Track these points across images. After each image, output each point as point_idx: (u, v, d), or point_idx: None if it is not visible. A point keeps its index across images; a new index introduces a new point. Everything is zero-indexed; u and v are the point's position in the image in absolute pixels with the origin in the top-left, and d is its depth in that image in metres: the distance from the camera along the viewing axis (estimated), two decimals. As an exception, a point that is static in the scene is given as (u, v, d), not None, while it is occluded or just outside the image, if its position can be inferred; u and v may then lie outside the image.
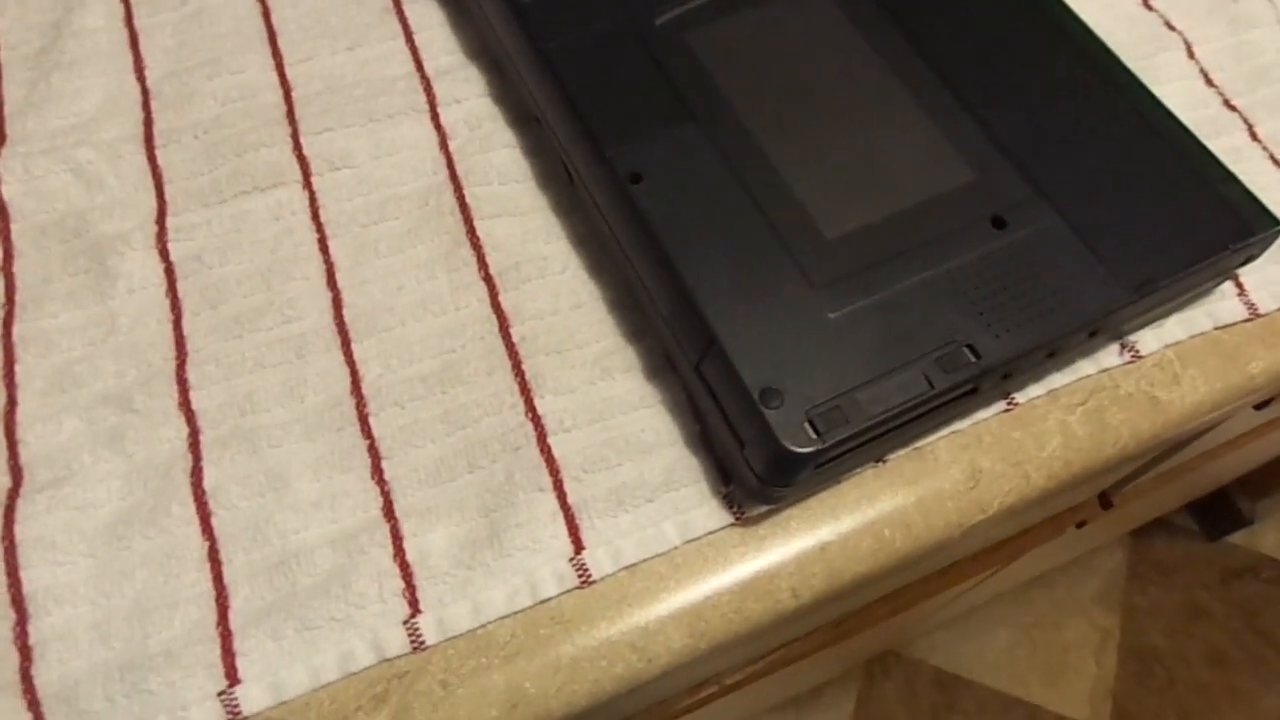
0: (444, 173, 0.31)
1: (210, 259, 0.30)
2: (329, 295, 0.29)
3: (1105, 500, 0.51)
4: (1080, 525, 0.55)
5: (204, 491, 0.26)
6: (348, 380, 0.28)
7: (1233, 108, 0.35)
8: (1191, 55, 0.36)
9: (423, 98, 0.33)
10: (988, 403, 0.28)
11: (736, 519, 0.27)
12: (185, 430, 0.27)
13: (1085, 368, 0.30)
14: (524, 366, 0.28)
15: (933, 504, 0.28)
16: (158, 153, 0.31)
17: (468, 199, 0.31)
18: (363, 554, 0.26)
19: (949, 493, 0.28)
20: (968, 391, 0.26)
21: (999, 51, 0.30)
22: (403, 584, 0.25)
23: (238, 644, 0.24)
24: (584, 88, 0.29)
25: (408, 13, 0.35)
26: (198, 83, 0.33)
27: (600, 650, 0.25)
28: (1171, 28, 0.37)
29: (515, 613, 0.25)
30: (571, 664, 0.25)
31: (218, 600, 0.25)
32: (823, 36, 0.30)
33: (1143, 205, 0.28)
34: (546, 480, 0.27)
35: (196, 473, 0.26)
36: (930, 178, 0.28)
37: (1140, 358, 0.30)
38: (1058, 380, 0.29)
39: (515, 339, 0.29)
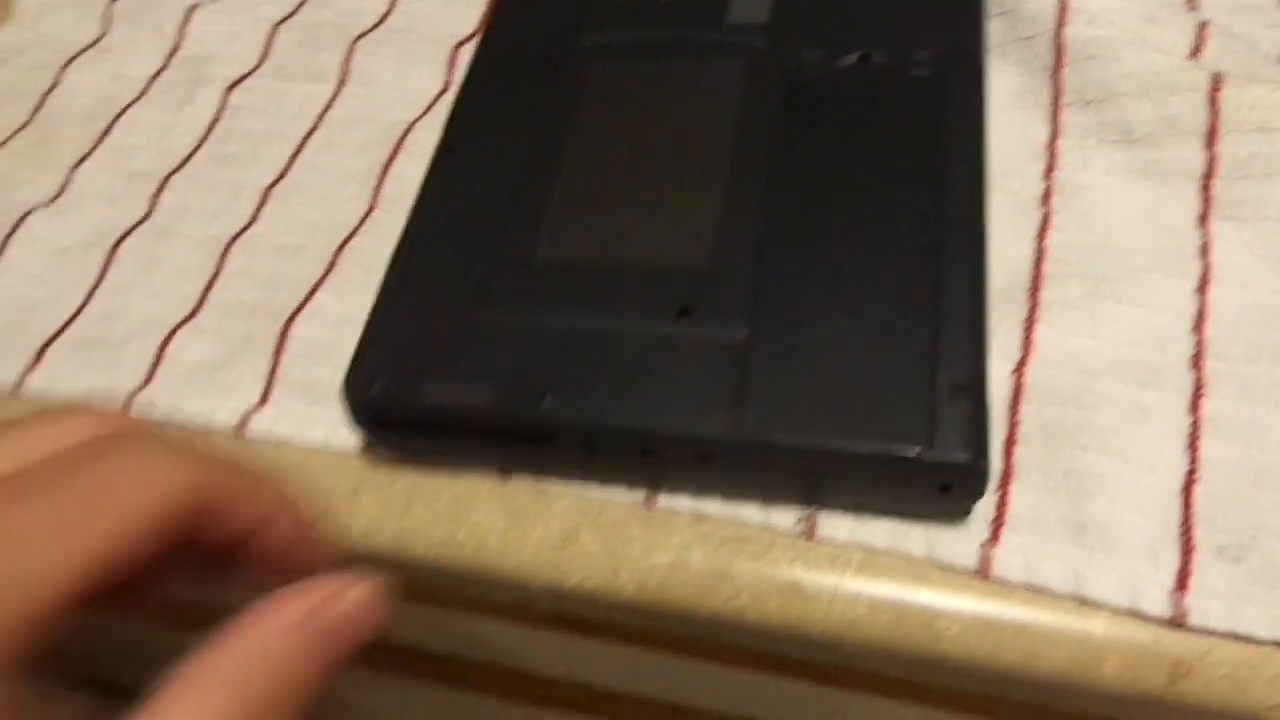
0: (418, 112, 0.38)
1: (245, 115, 0.39)
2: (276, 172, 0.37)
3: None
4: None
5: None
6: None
7: (1197, 366, 0.27)
8: (1202, 289, 0.29)
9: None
10: (607, 476, 0.28)
11: (363, 446, 0.30)
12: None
13: (749, 513, 0.27)
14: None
15: (517, 537, 0.28)
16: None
17: (405, 143, 0.37)
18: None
19: (537, 538, 0.28)
20: (540, 438, 0.26)
21: (851, 183, 0.28)
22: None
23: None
24: (489, 68, 0.33)
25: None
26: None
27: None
28: (1204, 253, 0.29)
29: None
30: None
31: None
32: (705, 99, 0.31)
33: (841, 369, 0.25)
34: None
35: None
36: (670, 249, 0.28)
37: (813, 537, 0.26)
38: (711, 507, 0.27)
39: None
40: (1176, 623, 0.24)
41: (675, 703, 0.46)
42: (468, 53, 0.39)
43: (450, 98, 0.37)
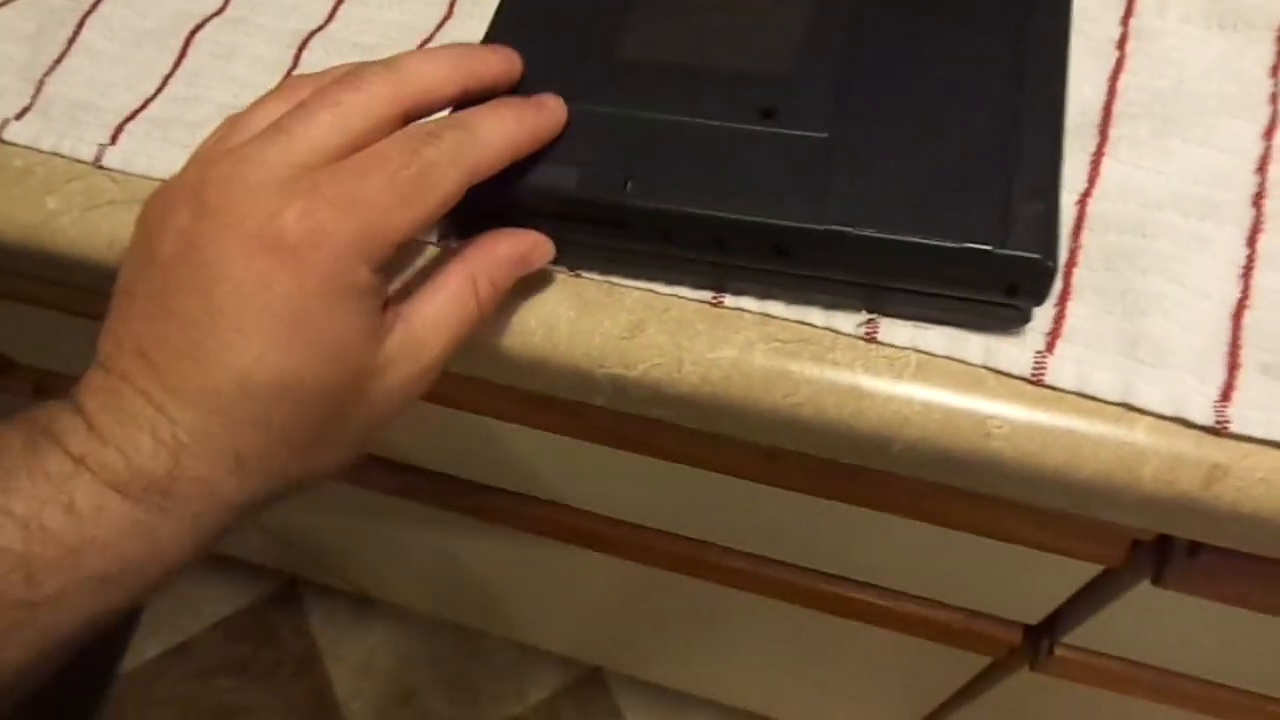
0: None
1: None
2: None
3: (1036, 642, 0.43)
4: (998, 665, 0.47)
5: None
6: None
7: (1257, 204, 0.28)
8: (1269, 134, 0.29)
9: None
10: (676, 273, 0.29)
11: (441, 238, 0.31)
12: None
13: (813, 315, 0.28)
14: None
15: (586, 326, 0.29)
16: None
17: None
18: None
19: (605, 329, 0.29)
20: (620, 223, 0.27)
21: (940, 5, 0.28)
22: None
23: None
24: None
25: None
26: None
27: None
28: (1274, 100, 0.30)
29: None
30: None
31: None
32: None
33: (920, 171, 0.25)
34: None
35: (197, 27, 0.36)
36: (756, 52, 0.28)
37: (874, 340, 0.27)
38: (776, 308, 0.28)
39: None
40: (1218, 430, 0.25)
41: (701, 539, 0.48)
42: None
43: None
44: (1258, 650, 0.37)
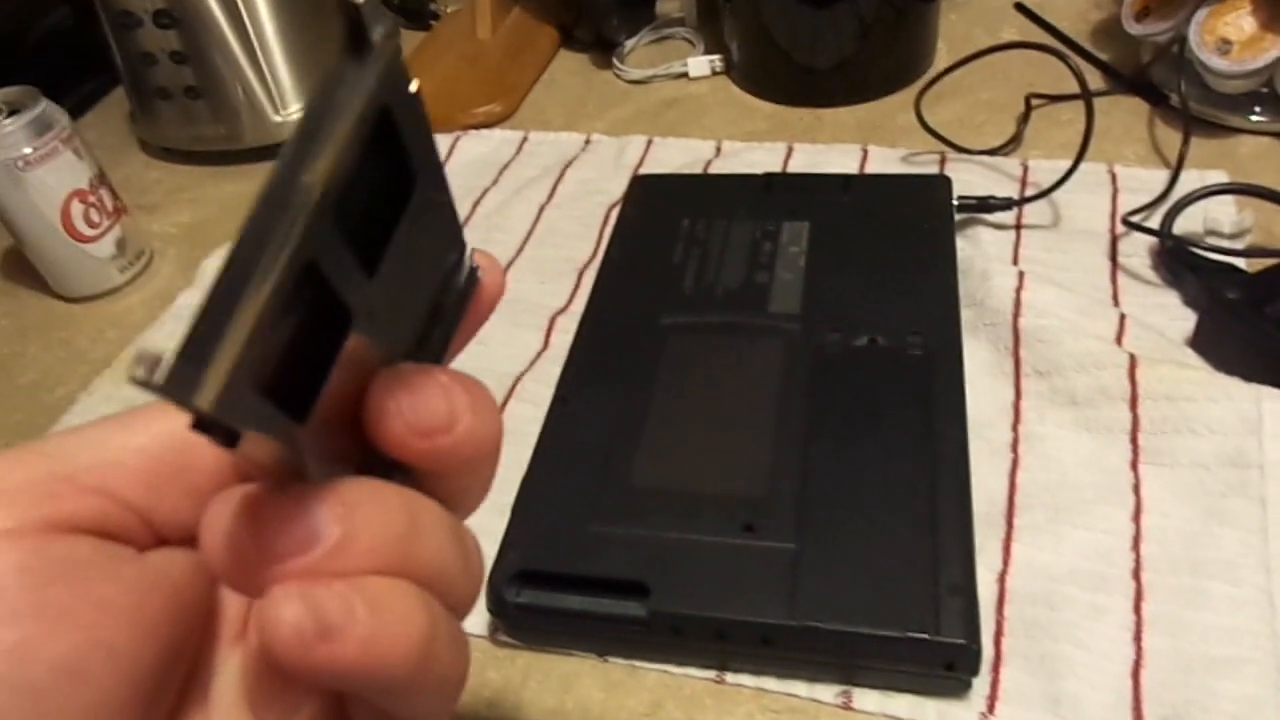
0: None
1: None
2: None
3: None
4: None
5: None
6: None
7: (1137, 576, 0.36)
8: (1136, 517, 0.38)
9: (547, 323, 0.50)
10: (686, 657, 0.35)
11: (492, 634, 0.38)
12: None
13: (798, 688, 0.35)
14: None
15: (614, 706, 0.35)
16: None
17: (515, 390, 0.47)
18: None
19: (630, 707, 0.35)
20: (639, 622, 0.34)
21: (867, 432, 0.38)
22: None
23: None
24: (590, 338, 0.44)
25: (585, 275, 0.53)
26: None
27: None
28: (1136, 489, 0.38)
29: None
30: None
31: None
32: (755, 367, 0.41)
33: (866, 573, 0.33)
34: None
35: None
36: (735, 479, 0.37)
37: (849, 708, 0.34)
38: (770, 683, 0.35)
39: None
40: (1132, 776, 0.31)
41: None
42: (563, 321, 0.50)
43: (549, 356, 0.48)
44: None
